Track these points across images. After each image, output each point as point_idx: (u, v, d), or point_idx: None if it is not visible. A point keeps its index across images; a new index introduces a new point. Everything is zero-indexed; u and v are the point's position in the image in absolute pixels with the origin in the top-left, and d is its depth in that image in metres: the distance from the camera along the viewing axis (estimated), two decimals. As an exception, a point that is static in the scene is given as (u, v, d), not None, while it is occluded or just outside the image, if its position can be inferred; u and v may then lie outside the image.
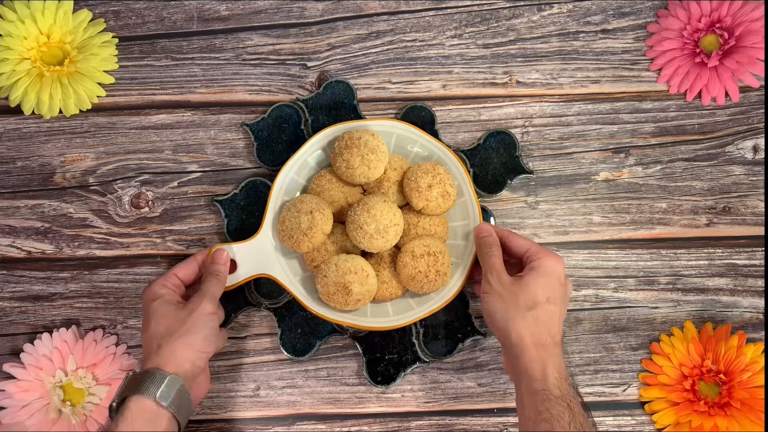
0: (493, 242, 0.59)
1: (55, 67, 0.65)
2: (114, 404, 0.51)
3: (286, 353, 0.64)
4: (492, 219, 0.65)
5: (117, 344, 0.65)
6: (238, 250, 0.61)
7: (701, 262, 0.66)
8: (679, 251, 0.66)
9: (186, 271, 0.59)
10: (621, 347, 0.65)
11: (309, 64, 0.67)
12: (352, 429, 0.65)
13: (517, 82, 0.67)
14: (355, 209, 0.59)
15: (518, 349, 0.53)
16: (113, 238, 0.66)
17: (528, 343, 0.53)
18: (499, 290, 0.55)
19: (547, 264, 0.55)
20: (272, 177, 0.64)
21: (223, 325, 0.64)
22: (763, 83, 0.66)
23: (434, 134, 0.65)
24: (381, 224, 0.58)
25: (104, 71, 0.66)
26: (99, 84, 0.66)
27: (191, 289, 0.60)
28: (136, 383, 0.51)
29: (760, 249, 0.66)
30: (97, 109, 0.67)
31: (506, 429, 0.64)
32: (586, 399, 0.65)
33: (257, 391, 0.65)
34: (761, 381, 0.61)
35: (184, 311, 0.55)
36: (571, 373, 0.53)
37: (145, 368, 0.53)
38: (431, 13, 0.68)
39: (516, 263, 0.59)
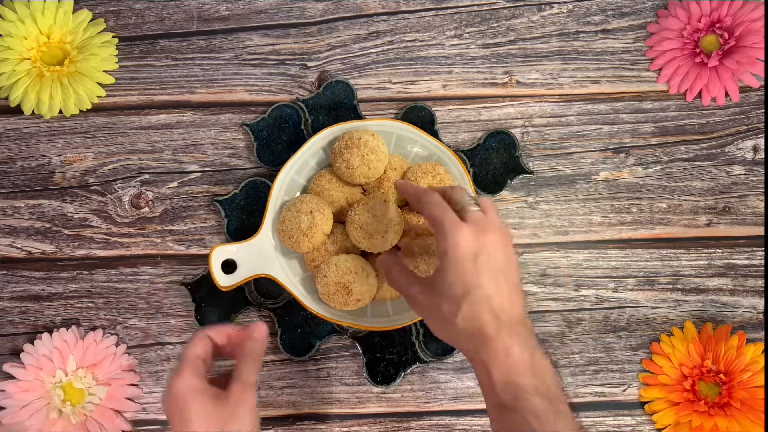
0: (381, 267, 0.53)
1: (55, 67, 0.65)
2: None
3: (286, 353, 0.64)
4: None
5: (117, 344, 0.65)
6: (238, 250, 0.61)
7: (701, 262, 0.66)
8: (679, 251, 0.66)
9: (205, 348, 0.51)
10: (621, 347, 0.65)
11: (309, 64, 0.67)
12: (352, 429, 0.65)
13: (517, 82, 0.67)
14: (355, 209, 0.59)
15: (471, 363, 0.47)
16: (113, 238, 0.66)
17: (473, 356, 0.45)
18: (421, 312, 0.49)
19: (444, 250, 0.46)
20: (272, 177, 0.64)
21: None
22: (763, 83, 0.66)
23: (434, 134, 0.65)
24: (381, 224, 0.58)
25: (104, 71, 0.66)
26: (99, 84, 0.66)
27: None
28: None
29: (760, 249, 0.66)
30: (97, 109, 0.67)
31: (506, 429, 0.64)
32: (586, 399, 0.65)
33: (257, 391, 0.65)
34: (761, 381, 0.61)
35: (228, 407, 0.47)
36: (536, 349, 0.44)
37: None
38: (431, 13, 0.68)
39: None
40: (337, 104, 0.66)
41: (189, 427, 0.46)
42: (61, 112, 0.67)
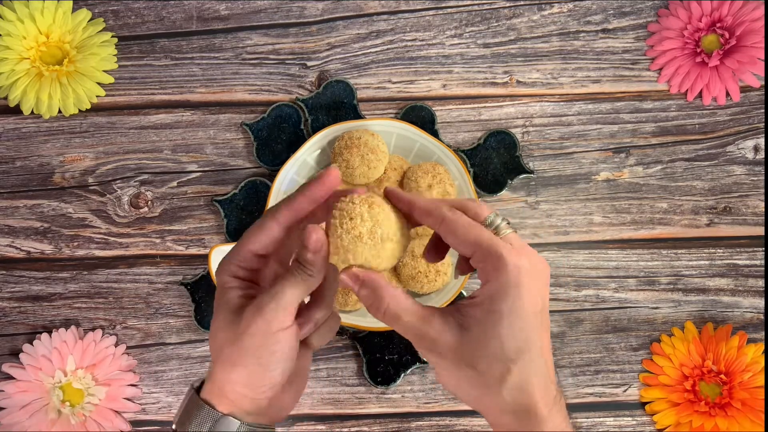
0: (370, 293, 0.37)
1: (54, 67, 0.65)
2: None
3: (285, 353, 0.64)
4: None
5: (116, 345, 0.64)
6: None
7: (702, 262, 0.65)
8: (679, 251, 0.66)
9: (263, 241, 0.39)
10: (621, 347, 0.65)
11: (309, 63, 0.67)
12: (352, 430, 0.65)
13: (518, 81, 0.67)
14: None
15: None
16: (112, 238, 0.66)
17: None
18: (442, 363, 0.36)
19: (503, 290, 0.35)
20: (272, 177, 0.63)
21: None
22: (763, 83, 0.66)
23: (434, 134, 0.65)
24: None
25: (103, 71, 0.66)
26: (98, 84, 0.66)
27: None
28: (187, 413, 0.39)
29: (760, 249, 0.65)
30: (96, 109, 0.67)
31: (506, 429, 0.64)
32: (586, 400, 0.65)
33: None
34: (762, 381, 0.61)
35: (240, 326, 0.37)
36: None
37: (203, 391, 0.39)
38: (431, 12, 0.67)
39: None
40: (337, 104, 0.66)
41: (212, 322, 0.39)
42: (60, 111, 0.66)
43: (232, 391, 0.38)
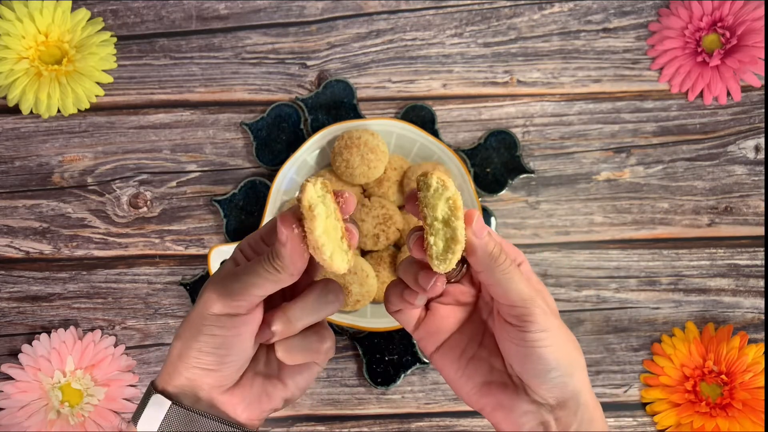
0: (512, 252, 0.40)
1: (53, 66, 0.65)
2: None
3: (285, 354, 0.63)
4: (492, 219, 0.64)
5: (115, 345, 0.64)
6: (237, 250, 0.61)
7: (703, 262, 0.65)
8: (680, 251, 0.65)
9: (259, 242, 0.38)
10: (622, 348, 0.65)
11: (308, 63, 0.67)
12: (352, 430, 0.64)
13: (518, 81, 0.67)
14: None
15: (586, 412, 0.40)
16: (111, 239, 0.66)
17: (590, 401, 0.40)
18: (558, 323, 0.38)
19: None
20: (271, 177, 0.63)
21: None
22: (764, 82, 0.66)
23: (434, 134, 0.65)
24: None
25: (103, 70, 0.66)
26: (97, 83, 0.66)
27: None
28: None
29: (761, 249, 0.65)
30: (95, 109, 0.67)
31: (507, 430, 0.64)
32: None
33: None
34: (762, 382, 0.61)
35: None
36: None
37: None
38: (431, 11, 0.67)
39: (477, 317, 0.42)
40: (336, 103, 0.65)
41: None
42: (59, 111, 0.66)
43: (175, 367, 0.36)
